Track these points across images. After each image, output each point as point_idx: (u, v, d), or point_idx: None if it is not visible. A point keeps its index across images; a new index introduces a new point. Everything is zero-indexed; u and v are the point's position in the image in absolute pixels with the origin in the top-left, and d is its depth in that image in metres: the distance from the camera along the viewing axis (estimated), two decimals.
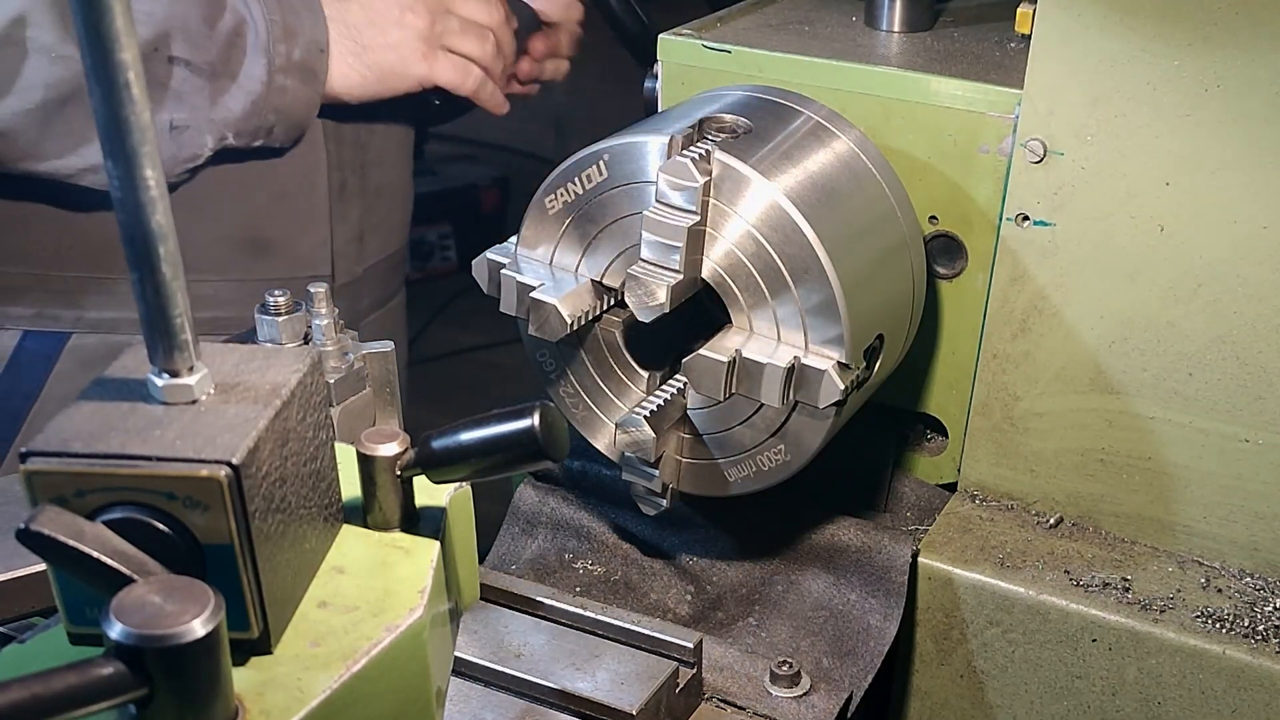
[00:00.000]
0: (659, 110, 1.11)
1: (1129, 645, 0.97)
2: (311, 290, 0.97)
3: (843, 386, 0.89)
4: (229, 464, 0.47)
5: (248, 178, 1.39)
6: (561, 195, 0.96)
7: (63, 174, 1.27)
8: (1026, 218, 0.99)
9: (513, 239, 1.01)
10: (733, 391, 0.91)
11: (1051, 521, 1.07)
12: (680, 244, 0.88)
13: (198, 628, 0.42)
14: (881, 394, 1.07)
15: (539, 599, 0.94)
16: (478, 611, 0.93)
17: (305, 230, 1.49)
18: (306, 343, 0.97)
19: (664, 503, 0.99)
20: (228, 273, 1.43)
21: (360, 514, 0.59)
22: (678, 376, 0.98)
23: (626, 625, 0.91)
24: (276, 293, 0.95)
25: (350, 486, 0.59)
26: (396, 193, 1.64)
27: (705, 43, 1.09)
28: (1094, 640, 0.98)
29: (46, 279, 1.39)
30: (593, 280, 0.97)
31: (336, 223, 1.50)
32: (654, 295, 0.89)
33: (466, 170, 3.89)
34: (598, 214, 0.95)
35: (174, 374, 0.50)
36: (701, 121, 0.94)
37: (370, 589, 0.55)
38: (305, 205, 1.47)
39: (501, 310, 0.99)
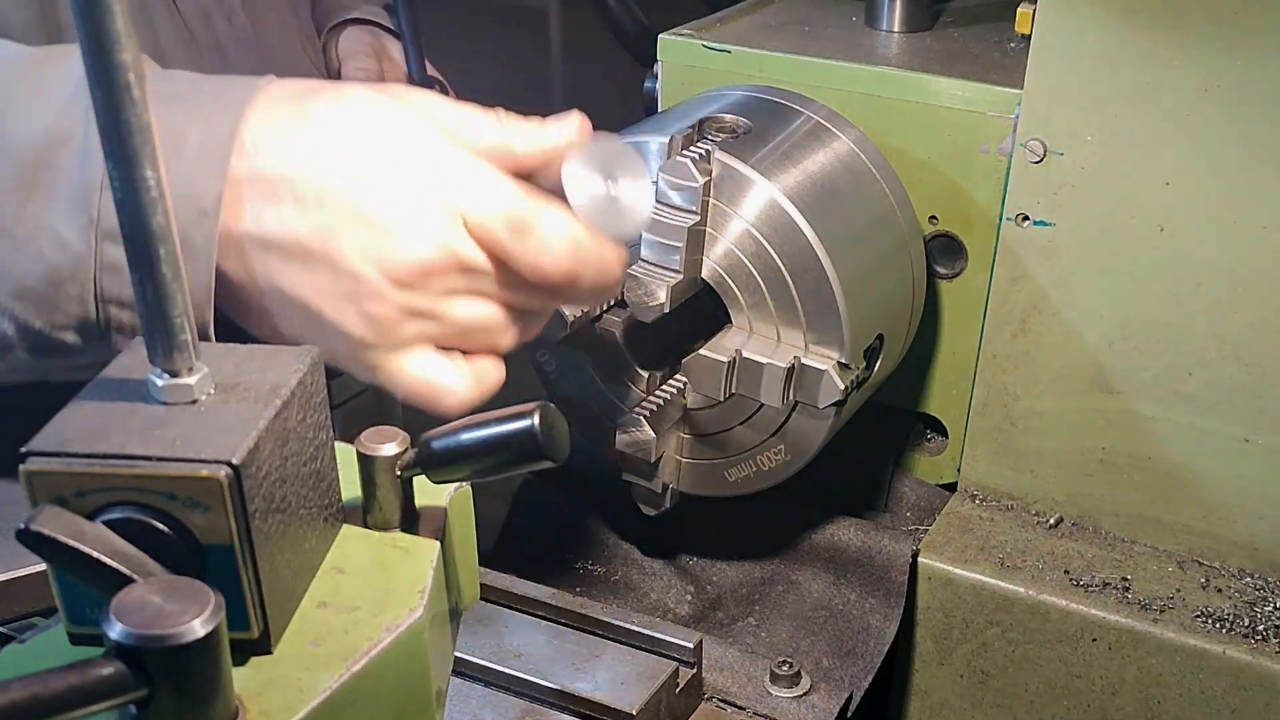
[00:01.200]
0: (659, 110, 1.11)
1: (1129, 645, 0.97)
2: None
3: (843, 386, 0.89)
4: (229, 464, 0.47)
5: None
6: None
7: None
8: (1026, 218, 0.99)
9: None
10: (733, 391, 0.91)
11: (1051, 521, 1.07)
12: (680, 244, 0.88)
13: (198, 628, 0.42)
14: (881, 394, 1.07)
15: (539, 599, 0.94)
16: (478, 611, 0.93)
17: None
18: None
19: (664, 503, 0.99)
20: None
21: (360, 514, 0.59)
22: (678, 376, 0.98)
23: (626, 625, 0.91)
24: None
25: (350, 486, 0.59)
26: None
27: (705, 43, 1.09)
28: (1094, 640, 0.98)
29: None
30: None
31: None
32: (654, 295, 0.89)
33: None
34: None
35: (174, 374, 0.50)
36: (701, 121, 0.94)
37: (370, 589, 0.55)
38: None
39: None
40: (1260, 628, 0.95)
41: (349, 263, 0.72)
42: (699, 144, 0.91)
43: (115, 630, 0.42)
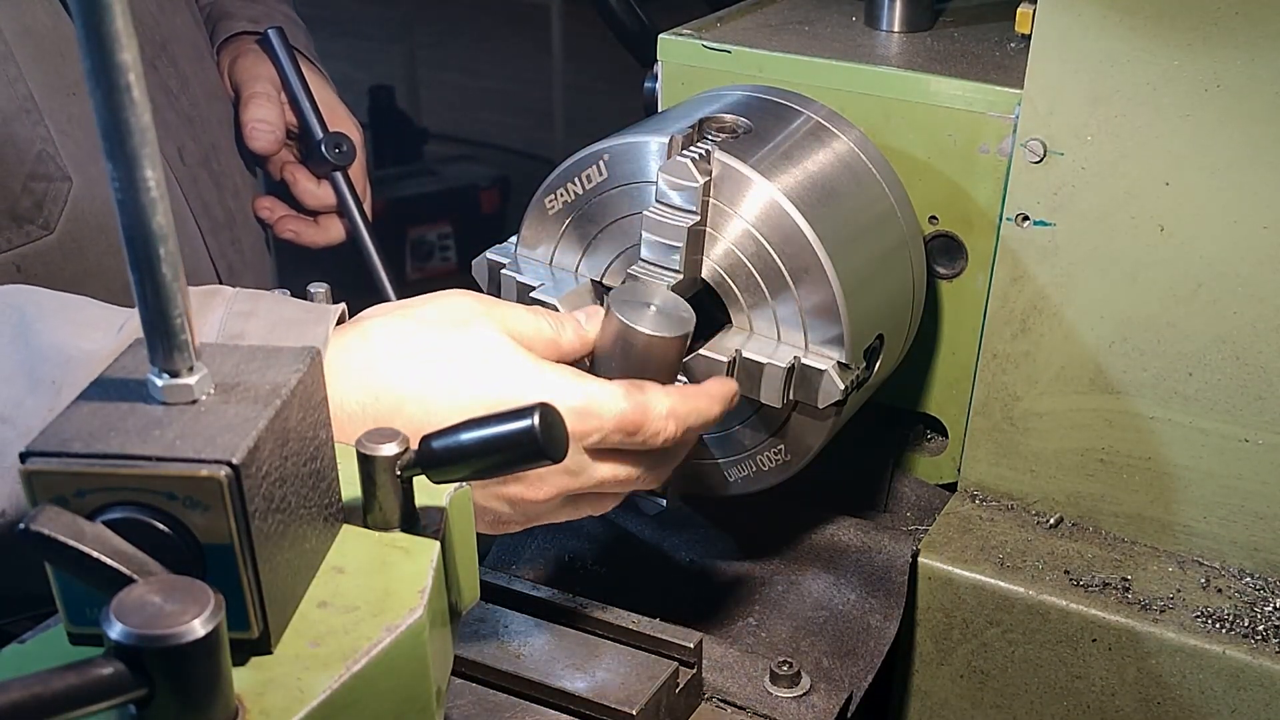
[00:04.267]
0: (659, 110, 1.11)
1: (1129, 645, 0.97)
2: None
3: (843, 386, 0.89)
4: (229, 464, 0.47)
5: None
6: (561, 195, 0.96)
7: None
8: (1026, 218, 0.99)
9: (513, 239, 1.01)
10: None
11: (1051, 521, 1.07)
12: (680, 244, 0.89)
13: (198, 628, 0.42)
14: (881, 394, 1.07)
15: (539, 599, 0.94)
16: (478, 611, 0.93)
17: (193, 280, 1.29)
18: None
19: (664, 503, 0.99)
20: None
21: (360, 514, 0.59)
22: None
23: (626, 625, 0.91)
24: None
25: (350, 486, 0.59)
26: (249, 218, 1.43)
27: (705, 43, 1.09)
28: (1094, 640, 0.98)
29: None
30: (592, 280, 0.97)
31: (219, 263, 1.32)
32: None
33: (466, 170, 3.89)
34: (598, 214, 0.95)
35: (174, 374, 0.50)
36: (701, 121, 0.94)
37: (370, 589, 0.55)
38: (189, 261, 1.26)
39: None
40: (1260, 628, 0.95)
41: (477, 503, 0.80)
42: (699, 144, 0.91)
43: (115, 630, 0.42)
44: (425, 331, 0.80)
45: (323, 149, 1.37)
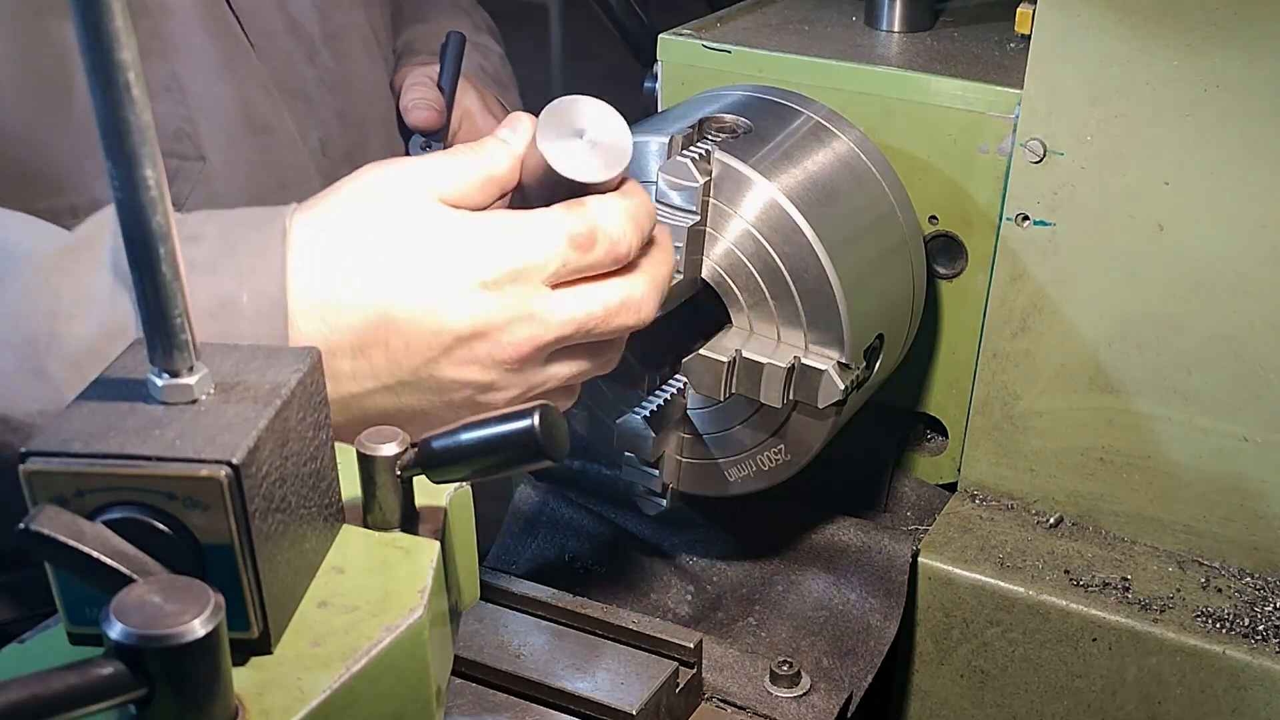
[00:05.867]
0: (659, 110, 1.11)
1: (1129, 645, 0.97)
2: None
3: (843, 386, 0.89)
4: (229, 464, 0.47)
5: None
6: None
7: None
8: (1026, 218, 0.99)
9: None
10: (732, 391, 0.91)
11: (1051, 521, 1.07)
12: (680, 244, 0.89)
13: (198, 628, 0.42)
14: (881, 394, 1.07)
15: (539, 599, 0.94)
16: (478, 611, 0.93)
17: None
18: None
19: (664, 503, 0.99)
20: None
21: (360, 514, 0.59)
22: (678, 376, 0.98)
23: (626, 625, 0.91)
24: None
25: (350, 486, 0.59)
26: None
27: (705, 43, 1.09)
28: (1094, 640, 0.98)
29: None
30: None
31: None
32: None
33: None
34: None
35: (174, 374, 0.50)
36: (701, 121, 0.94)
37: (370, 589, 0.55)
38: None
39: None
40: (1260, 628, 0.95)
41: (452, 376, 0.75)
42: (699, 144, 0.91)
43: (115, 630, 0.42)
44: (375, 220, 0.75)
45: (407, 142, 1.39)
